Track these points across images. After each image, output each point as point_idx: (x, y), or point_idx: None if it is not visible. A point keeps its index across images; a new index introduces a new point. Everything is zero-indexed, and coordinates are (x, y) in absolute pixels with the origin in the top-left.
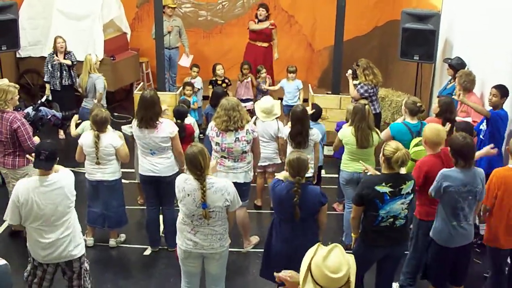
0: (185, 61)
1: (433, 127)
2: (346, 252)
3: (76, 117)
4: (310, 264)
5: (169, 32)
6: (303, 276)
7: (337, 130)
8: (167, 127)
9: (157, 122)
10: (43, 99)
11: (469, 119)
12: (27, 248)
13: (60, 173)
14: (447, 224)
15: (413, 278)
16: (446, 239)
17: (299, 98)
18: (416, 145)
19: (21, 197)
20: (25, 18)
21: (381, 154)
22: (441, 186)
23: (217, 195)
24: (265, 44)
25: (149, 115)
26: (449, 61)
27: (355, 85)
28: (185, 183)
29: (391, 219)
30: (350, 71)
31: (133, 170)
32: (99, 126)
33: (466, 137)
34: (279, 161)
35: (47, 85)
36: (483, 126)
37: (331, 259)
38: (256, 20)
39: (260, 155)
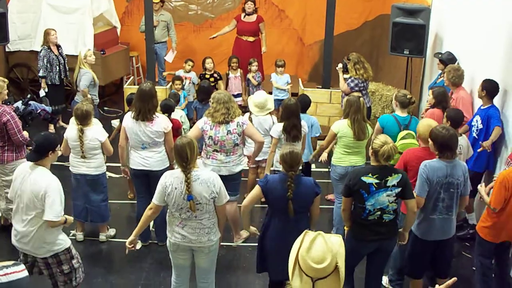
0: (169, 56)
1: (427, 123)
2: None
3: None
4: (297, 256)
5: (155, 27)
6: (291, 269)
7: None
8: (162, 121)
9: (154, 116)
10: (42, 93)
11: None
12: None
13: (48, 174)
14: (426, 217)
15: (402, 272)
16: (424, 232)
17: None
18: (403, 138)
19: (15, 173)
20: (14, 12)
21: (370, 147)
22: (427, 178)
23: (202, 187)
24: (251, 39)
25: (147, 108)
26: (440, 55)
27: (345, 79)
28: (171, 176)
29: (379, 212)
30: (340, 65)
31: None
32: (81, 120)
33: (448, 129)
34: None
35: (43, 80)
36: (475, 123)
37: (314, 249)
38: (243, 15)
39: (262, 144)
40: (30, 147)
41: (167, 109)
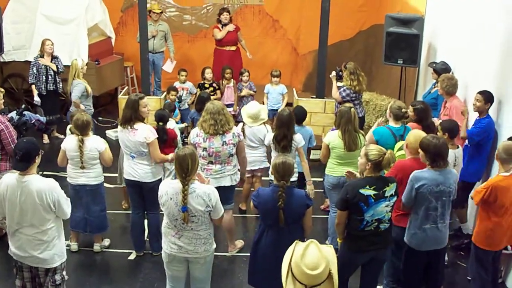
0: (168, 66)
1: (418, 134)
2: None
3: None
4: (290, 263)
5: (154, 37)
6: (284, 276)
7: None
8: (144, 132)
9: (135, 125)
10: (36, 99)
11: None
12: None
13: (43, 179)
14: (419, 227)
15: (396, 281)
16: (418, 242)
17: (282, 102)
18: (400, 149)
19: (1, 190)
20: (8, 22)
21: (362, 159)
22: (413, 188)
23: (198, 200)
24: (233, 48)
25: (128, 115)
26: (434, 65)
27: (338, 87)
28: (168, 186)
29: (376, 223)
30: (334, 73)
31: (117, 175)
32: (82, 130)
33: (438, 138)
34: (268, 165)
35: (33, 87)
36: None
37: (308, 256)
38: (220, 25)
39: (246, 160)
40: (16, 156)
41: (161, 119)
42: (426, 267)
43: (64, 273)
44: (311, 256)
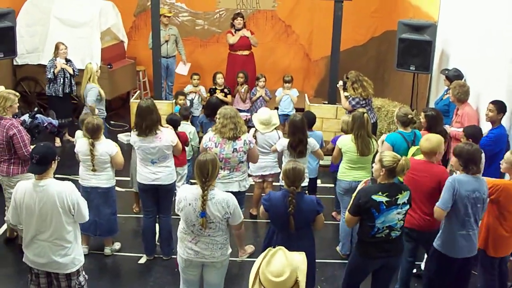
0: (182, 69)
1: (430, 137)
2: (342, 262)
3: None
4: (258, 270)
5: (166, 41)
6: (251, 283)
7: (333, 142)
8: (168, 136)
9: (158, 131)
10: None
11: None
12: (23, 255)
13: (60, 183)
14: (455, 233)
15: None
16: (454, 249)
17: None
18: (414, 154)
19: (17, 198)
20: (22, 25)
21: (377, 165)
22: (454, 191)
23: (217, 207)
24: (246, 52)
25: (146, 124)
26: (446, 72)
27: (346, 97)
28: (187, 192)
29: (387, 230)
30: (340, 82)
31: (128, 178)
32: (92, 133)
33: (471, 144)
34: (279, 170)
35: (65, 66)
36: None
37: (273, 263)
38: (233, 30)
39: (257, 160)
40: (32, 160)
41: (173, 123)
42: (456, 277)
43: (83, 273)
44: (276, 263)
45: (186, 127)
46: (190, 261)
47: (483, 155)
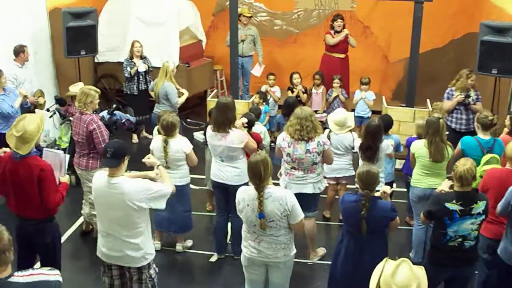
0: (257, 70)
1: None
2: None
3: None
4: (378, 281)
5: (243, 41)
6: None
7: (407, 146)
8: (236, 137)
9: (229, 130)
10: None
11: None
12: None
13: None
14: None
15: None
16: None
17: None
18: (487, 162)
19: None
20: (104, 24)
21: (452, 172)
22: (510, 202)
23: (275, 205)
24: (342, 55)
25: (221, 119)
26: None
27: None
28: (244, 193)
29: (460, 239)
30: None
31: (203, 177)
32: (166, 130)
33: None
34: (353, 173)
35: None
36: None
37: (399, 274)
38: (333, 31)
39: (332, 162)
40: (106, 154)
41: (247, 123)
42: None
43: (154, 265)
44: (402, 275)
45: (257, 127)
46: (252, 260)
47: None
